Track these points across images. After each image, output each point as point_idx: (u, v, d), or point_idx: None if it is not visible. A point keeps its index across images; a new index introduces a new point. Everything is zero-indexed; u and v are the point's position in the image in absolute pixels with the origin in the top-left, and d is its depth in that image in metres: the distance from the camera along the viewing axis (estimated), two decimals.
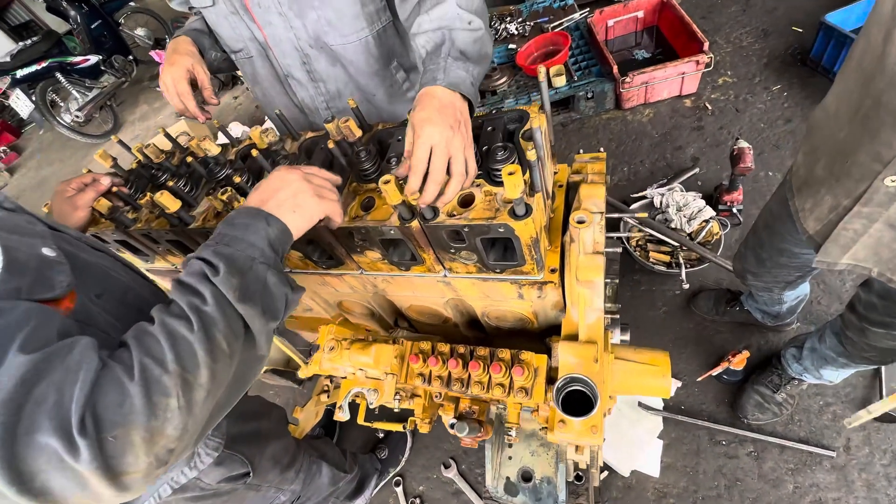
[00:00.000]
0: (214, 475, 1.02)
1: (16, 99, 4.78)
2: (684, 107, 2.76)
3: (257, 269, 0.68)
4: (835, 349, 1.35)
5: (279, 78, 1.33)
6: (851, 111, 0.84)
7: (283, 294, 0.72)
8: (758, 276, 1.45)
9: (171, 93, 1.17)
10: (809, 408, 1.74)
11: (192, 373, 0.59)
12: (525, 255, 0.84)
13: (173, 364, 0.57)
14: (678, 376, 1.92)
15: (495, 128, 0.92)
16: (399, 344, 1.09)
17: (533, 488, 1.33)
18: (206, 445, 0.97)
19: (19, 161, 6.25)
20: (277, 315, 0.71)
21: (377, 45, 1.25)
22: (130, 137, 5.29)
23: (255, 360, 0.71)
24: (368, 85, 1.32)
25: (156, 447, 0.56)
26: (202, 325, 0.61)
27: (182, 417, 0.57)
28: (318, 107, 1.36)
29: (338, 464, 1.60)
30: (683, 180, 2.41)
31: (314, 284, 1.15)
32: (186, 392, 0.58)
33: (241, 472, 1.10)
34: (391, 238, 0.88)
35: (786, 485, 1.63)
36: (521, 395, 0.94)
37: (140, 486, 0.57)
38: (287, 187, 0.77)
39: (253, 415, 1.20)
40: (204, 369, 0.60)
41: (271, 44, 1.23)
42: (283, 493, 1.31)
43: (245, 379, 0.70)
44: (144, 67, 6.01)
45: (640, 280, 2.22)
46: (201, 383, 0.59)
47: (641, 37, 3.11)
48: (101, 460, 0.51)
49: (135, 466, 0.54)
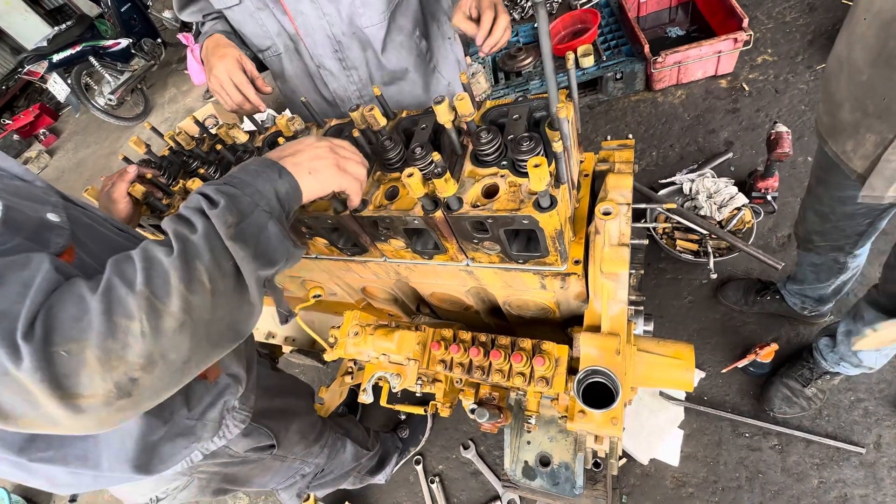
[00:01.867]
0: (242, 445, 1.06)
1: (53, 83, 4.95)
2: (719, 88, 2.64)
3: (259, 215, 0.65)
4: (873, 319, 1.31)
5: (309, 72, 1.32)
6: (871, 55, 0.88)
7: (283, 246, 0.69)
8: (824, 234, 1.40)
9: (227, 86, 1.13)
10: (839, 403, 1.69)
11: (161, 299, 0.55)
12: (549, 246, 0.83)
13: (142, 286, 0.54)
14: (702, 367, 1.89)
15: (520, 116, 0.90)
16: (421, 331, 1.10)
17: (551, 473, 1.35)
18: (234, 417, 0.98)
19: (58, 143, 6.50)
20: (272, 264, 0.67)
21: (403, 14, 1.26)
22: (160, 120, 5.43)
23: (245, 307, 0.65)
24: (399, 61, 1.32)
25: (115, 372, 0.52)
26: (183, 252, 0.58)
27: (145, 345, 0.53)
28: (349, 96, 1.36)
29: (361, 441, 1.66)
30: (715, 166, 2.32)
31: (339, 270, 1.18)
32: (152, 318, 0.54)
33: (267, 444, 1.15)
34: (415, 227, 0.89)
35: (810, 479, 1.61)
36: (542, 384, 0.95)
37: (102, 415, 0.53)
38: (309, 150, 0.77)
39: (280, 391, 1.23)
40: (176, 298, 0.55)
41: (302, 35, 1.22)
42: (308, 465, 1.37)
43: (236, 327, 0.65)
44: (172, 50, 6.11)
45: (665, 268, 2.17)
46: (171, 311, 0.55)
47: (676, 13, 2.96)
48: (48, 372, 0.48)
49: (90, 389, 0.51)
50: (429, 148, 0.89)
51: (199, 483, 1.05)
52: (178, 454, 0.89)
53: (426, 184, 0.80)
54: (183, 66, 5.63)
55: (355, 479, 1.76)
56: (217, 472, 1.07)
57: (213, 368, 0.93)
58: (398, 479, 2.08)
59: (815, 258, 1.52)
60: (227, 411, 0.96)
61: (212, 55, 1.16)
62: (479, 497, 1.94)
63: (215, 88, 1.16)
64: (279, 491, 1.39)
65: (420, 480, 2.03)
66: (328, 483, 1.57)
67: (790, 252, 2.03)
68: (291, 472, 1.34)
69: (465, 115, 0.87)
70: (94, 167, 5.51)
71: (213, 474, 1.06)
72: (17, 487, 2.90)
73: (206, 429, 0.92)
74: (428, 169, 0.86)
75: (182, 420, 0.87)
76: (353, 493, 2.12)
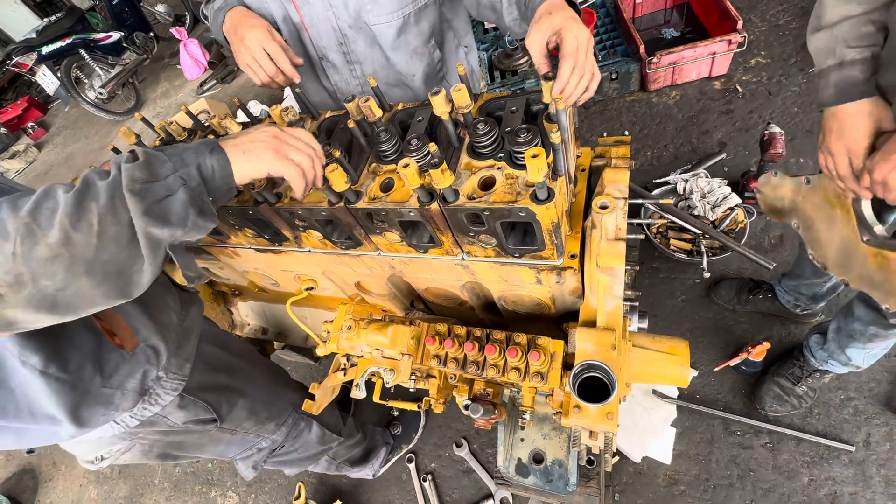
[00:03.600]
0: (179, 416, 1.07)
1: (42, 75, 4.87)
2: (713, 89, 2.65)
3: (172, 181, 0.69)
4: (864, 317, 1.33)
5: (311, 62, 1.30)
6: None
7: (185, 213, 0.70)
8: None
9: (260, 56, 1.07)
10: (830, 401, 1.71)
11: (41, 228, 0.59)
12: (545, 239, 0.83)
13: (26, 213, 0.58)
14: (695, 365, 1.90)
15: (518, 108, 0.89)
16: (416, 325, 1.09)
17: (544, 470, 1.35)
18: (163, 386, 1.00)
19: (47, 137, 6.40)
20: (165, 225, 0.68)
21: (418, 22, 1.22)
22: (152, 115, 5.36)
23: (138, 261, 0.68)
24: (408, 65, 1.29)
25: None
26: (81, 193, 0.62)
27: (15, 265, 0.57)
28: (351, 91, 1.34)
29: (331, 426, 1.64)
30: (709, 166, 2.34)
31: (332, 264, 1.16)
32: (27, 242, 0.58)
33: (209, 418, 1.15)
34: (410, 220, 0.88)
35: (801, 477, 1.62)
36: (537, 379, 0.95)
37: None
38: (251, 134, 0.80)
39: (224, 368, 1.24)
40: (57, 230, 0.59)
41: (307, 24, 1.19)
42: (264, 440, 1.39)
43: (125, 278, 0.68)
44: (165, 44, 6.04)
45: (659, 267, 2.18)
46: (49, 242, 0.59)
47: (671, 14, 2.98)
48: None
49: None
50: (425, 140, 0.88)
51: (142, 447, 1.09)
52: (98, 419, 0.92)
53: (422, 175, 0.79)
54: (175, 60, 5.56)
55: (329, 464, 1.74)
56: (158, 440, 1.10)
57: (130, 339, 0.95)
58: (390, 478, 2.07)
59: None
60: (152, 381, 0.98)
61: (240, 26, 1.09)
62: (472, 495, 1.93)
63: (246, 61, 1.09)
64: (237, 461, 1.41)
65: (412, 478, 2.02)
66: (293, 462, 1.57)
67: (782, 252, 2.05)
68: (247, 445, 1.36)
69: (461, 106, 0.87)
70: (84, 162, 5.42)
71: (154, 441, 1.09)
72: (2, 486, 2.85)
73: (126, 398, 0.94)
74: (424, 160, 0.86)
75: (98, 388, 0.90)
76: (344, 491, 2.11)
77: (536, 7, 0.90)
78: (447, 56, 1.41)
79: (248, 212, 1.04)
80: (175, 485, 2.49)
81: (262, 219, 1.06)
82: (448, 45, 1.41)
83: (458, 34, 1.41)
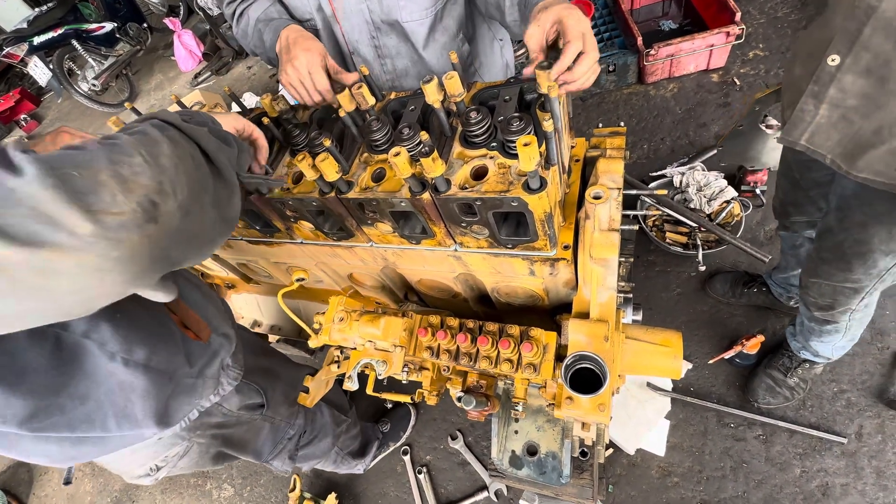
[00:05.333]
0: (234, 402, 1.11)
1: (34, 66, 4.80)
2: (711, 82, 2.64)
3: (200, 116, 0.76)
4: (804, 312, 1.41)
5: (342, 54, 1.28)
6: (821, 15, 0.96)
7: (225, 133, 0.76)
8: (798, 205, 1.42)
9: (306, 81, 1.04)
10: (822, 394, 1.71)
11: (155, 143, 0.60)
12: (538, 230, 0.82)
13: (130, 136, 0.59)
14: (689, 358, 1.91)
15: (511, 97, 0.88)
16: (408, 317, 1.09)
17: (538, 462, 1.35)
18: (228, 375, 1.04)
19: (39, 129, 6.33)
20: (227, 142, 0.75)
21: (446, 17, 1.21)
22: (146, 107, 5.31)
23: (221, 182, 0.72)
24: (439, 62, 1.28)
25: (134, 193, 0.53)
26: (149, 131, 0.63)
27: (152, 172, 0.56)
28: (381, 86, 1.32)
29: (337, 404, 1.69)
30: (705, 159, 2.33)
31: (325, 256, 1.15)
32: (152, 151, 0.58)
33: (257, 403, 1.20)
34: (402, 210, 0.87)
35: (793, 469, 1.63)
36: (530, 371, 0.94)
37: (134, 239, 0.52)
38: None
39: (265, 351, 1.32)
40: (164, 145, 0.61)
41: (339, 17, 1.18)
42: (292, 427, 1.42)
43: (225, 200, 0.72)
44: (159, 36, 5.96)
45: (654, 260, 2.18)
46: (164, 151, 0.60)
47: (669, 6, 2.96)
48: (63, 188, 0.47)
49: (116, 206, 0.51)
50: (417, 128, 0.86)
51: (199, 448, 1.10)
52: (183, 409, 0.95)
53: (413, 164, 0.78)
54: (170, 52, 5.49)
55: (337, 455, 1.76)
56: (215, 435, 1.11)
57: (204, 329, 0.99)
58: (385, 470, 2.07)
59: (794, 238, 1.56)
60: (222, 369, 1.02)
61: (295, 45, 1.07)
62: (467, 487, 1.94)
63: (290, 80, 1.06)
64: (272, 461, 1.42)
65: (407, 471, 2.03)
66: (313, 455, 1.60)
67: (777, 245, 2.05)
68: (279, 437, 1.39)
69: (454, 95, 0.85)
70: None
71: (211, 438, 1.10)
72: None
73: (207, 385, 0.98)
74: (416, 149, 0.84)
75: (185, 378, 0.92)
76: (339, 483, 2.11)
77: (534, 6, 0.90)
78: (481, 49, 1.40)
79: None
80: (170, 477, 2.48)
81: (254, 210, 1.05)
82: (483, 40, 1.39)
83: (493, 27, 1.40)
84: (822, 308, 1.32)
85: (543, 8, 0.86)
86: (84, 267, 0.49)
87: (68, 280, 0.49)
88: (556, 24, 0.83)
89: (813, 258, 1.27)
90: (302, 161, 0.83)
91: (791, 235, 1.55)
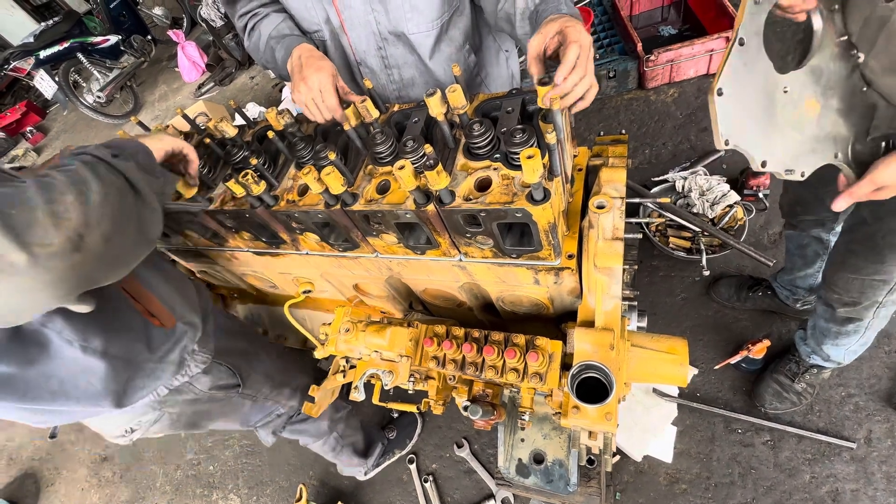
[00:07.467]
0: (204, 383, 1.15)
1: (40, 80, 4.86)
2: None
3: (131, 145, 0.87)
4: (823, 314, 1.38)
5: (350, 64, 1.30)
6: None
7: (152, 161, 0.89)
8: (806, 205, 1.41)
9: (317, 99, 1.05)
10: (830, 398, 1.70)
11: (85, 182, 0.69)
12: (542, 240, 0.82)
13: (62, 176, 0.68)
14: (695, 364, 1.90)
15: (514, 109, 0.89)
16: (414, 327, 1.09)
17: (544, 470, 1.34)
18: (195, 360, 1.09)
19: (45, 141, 6.40)
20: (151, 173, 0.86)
21: (452, 28, 1.23)
22: (150, 118, 5.36)
23: (147, 208, 0.81)
24: (446, 72, 1.29)
25: (63, 228, 0.63)
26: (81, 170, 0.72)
27: (81, 210, 0.66)
28: (388, 96, 1.34)
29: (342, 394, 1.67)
30: (708, 163, 2.33)
31: (330, 267, 1.16)
32: (80, 191, 0.67)
33: (232, 383, 1.24)
34: (407, 222, 0.88)
35: (802, 474, 1.61)
36: (536, 380, 0.94)
37: (60, 268, 0.63)
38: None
39: (237, 334, 1.35)
40: (94, 183, 0.70)
41: (347, 28, 1.19)
42: (282, 406, 1.48)
43: (148, 226, 0.82)
44: (163, 47, 6.03)
45: (658, 266, 2.17)
46: (94, 189, 0.69)
47: (668, 12, 2.98)
48: (4, 224, 0.57)
49: (47, 239, 0.61)
50: (421, 141, 0.87)
51: (170, 417, 1.15)
52: (142, 392, 1.02)
53: (418, 177, 0.79)
54: (173, 63, 5.56)
55: (337, 442, 1.78)
56: (185, 409, 1.17)
57: (168, 317, 1.05)
58: (391, 478, 2.07)
59: (800, 238, 1.55)
60: (187, 354, 1.07)
61: (307, 65, 1.09)
62: (473, 495, 1.93)
63: (302, 98, 1.08)
64: (258, 428, 1.49)
65: (414, 479, 2.02)
66: (309, 432, 1.65)
67: (781, 249, 2.04)
68: (266, 411, 1.46)
69: (457, 107, 0.86)
70: None
71: (181, 410, 1.16)
72: (4, 491, 2.85)
73: (167, 370, 1.04)
74: (420, 162, 0.85)
75: (145, 363, 0.99)
76: (346, 492, 2.11)
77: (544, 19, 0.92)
78: (487, 60, 1.41)
79: (244, 215, 1.04)
80: (176, 488, 2.49)
81: (259, 222, 1.06)
82: (489, 51, 1.41)
83: (499, 39, 1.42)
84: (847, 304, 1.29)
85: (551, 20, 0.88)
86: (18, 288, 0.61)
87: (3, 297, 0.62)
88: (558, 34, 0.85)
89: (840, 252, 1.25)
90: (307, 174, 0.84)
91: (798, 235, 1.55)
